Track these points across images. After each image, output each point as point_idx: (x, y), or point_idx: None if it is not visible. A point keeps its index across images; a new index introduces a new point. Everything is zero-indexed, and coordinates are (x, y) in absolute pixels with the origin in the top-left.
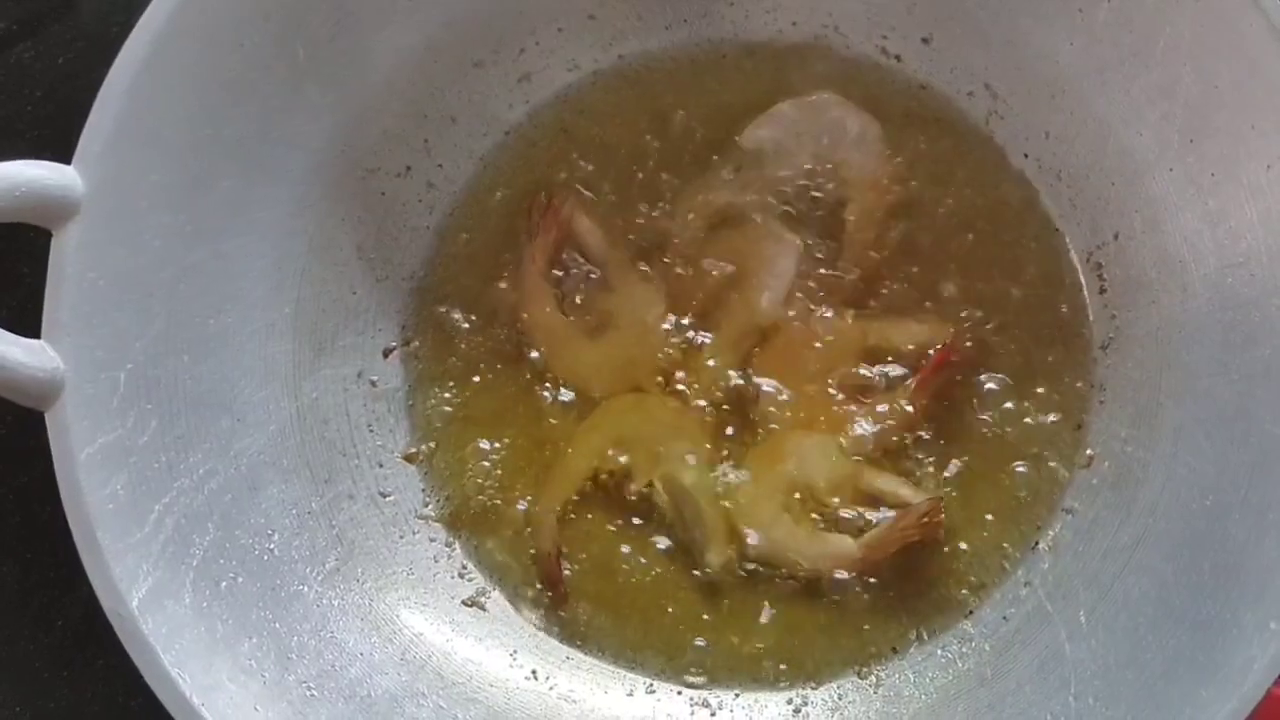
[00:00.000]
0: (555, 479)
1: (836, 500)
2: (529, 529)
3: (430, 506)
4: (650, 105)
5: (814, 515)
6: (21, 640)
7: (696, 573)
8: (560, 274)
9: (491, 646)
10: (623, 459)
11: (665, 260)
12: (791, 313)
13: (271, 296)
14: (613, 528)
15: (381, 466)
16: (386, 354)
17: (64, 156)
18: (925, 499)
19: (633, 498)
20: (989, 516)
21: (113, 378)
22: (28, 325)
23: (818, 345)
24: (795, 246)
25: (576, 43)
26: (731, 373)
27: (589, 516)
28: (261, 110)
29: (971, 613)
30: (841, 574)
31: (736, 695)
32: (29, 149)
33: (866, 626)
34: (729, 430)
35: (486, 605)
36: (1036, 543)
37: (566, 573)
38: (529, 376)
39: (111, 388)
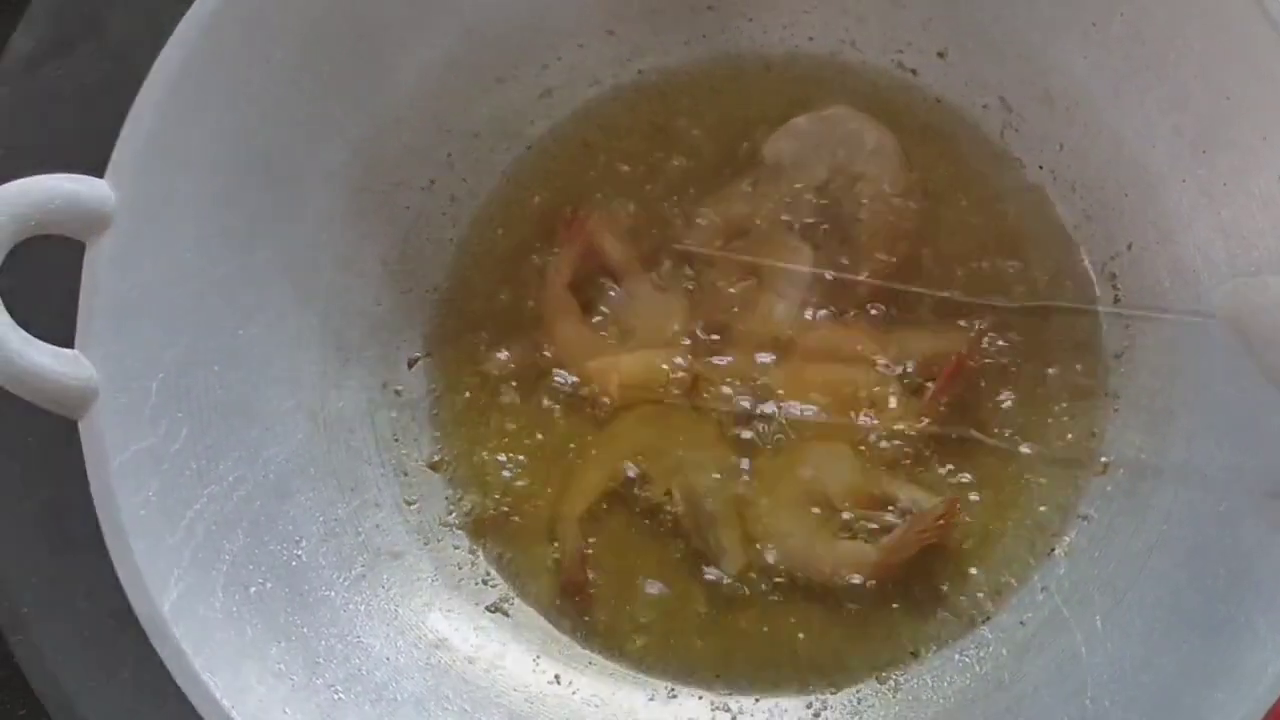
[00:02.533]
0: (576, 487)
1: (853, 507)
2: (551, 536)
3: (454, 514)
4: (669, 120)
5: (831, 522)
6: (48, 653)
7: (714, 579)
8: (583, 285)
9: (515, 651)
10: (641, 468)
11: (684, 272)
12: (807, 323)
13: (298, 308)
14: (632, 535)
15: (406, 475)
16: (411, 364)
17: (92, 176)
18: (940, 500)
19: (652, 507)
20: (1005, 523)
21: (144, 387)
22: (58, 337)
23: (833, 355)
24: (812, 258)
25: (597, 58)
26: (748, 382)
27: (609, 524)
28: (288, 125)
29: (989, 618)
30: (859, 579)
31: (756, 700)
32: (58, 168)
33: (885, 631)
34: (746, 439)
35: (509, 611)
36: (1053, 549)
37: (590, 576)
38: (551, 387)
39: (143, 396)
